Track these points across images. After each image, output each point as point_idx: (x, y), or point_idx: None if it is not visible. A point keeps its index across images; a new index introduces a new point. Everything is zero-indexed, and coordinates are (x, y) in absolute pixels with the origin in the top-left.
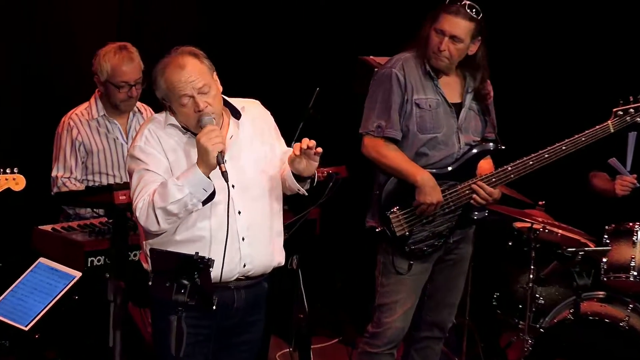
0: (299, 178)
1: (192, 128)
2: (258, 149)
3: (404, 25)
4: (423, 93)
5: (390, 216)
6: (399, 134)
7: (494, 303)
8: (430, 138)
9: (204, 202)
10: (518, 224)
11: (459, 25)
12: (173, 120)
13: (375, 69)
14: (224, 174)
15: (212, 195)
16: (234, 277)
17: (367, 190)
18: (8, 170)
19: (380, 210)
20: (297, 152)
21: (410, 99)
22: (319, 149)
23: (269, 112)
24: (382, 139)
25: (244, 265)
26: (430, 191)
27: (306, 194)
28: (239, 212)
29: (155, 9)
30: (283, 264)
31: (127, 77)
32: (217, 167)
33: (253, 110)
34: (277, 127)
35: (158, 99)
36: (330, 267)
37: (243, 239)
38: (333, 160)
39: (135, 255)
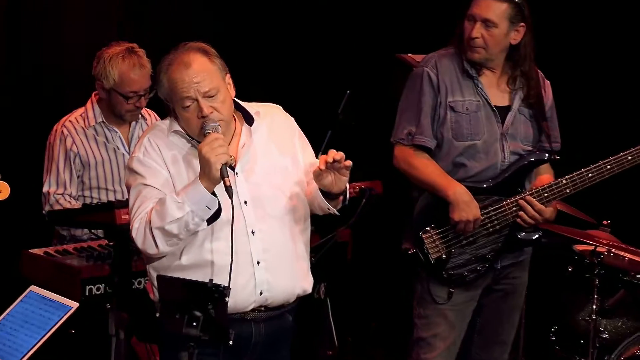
0: (327, 195)
1: (195, 135)
2: (276, 160)
3: (446, 20)
4: (460, 94)
5: (424, 236)
6: (432, 141)
7: (551, 337)
8: (468, 146)
9: (209, 221)
10: (579, 247)
11: (490, 7)
12: (177, 126)
13: (414, 69)
14: (228, 190)
15: (217, 214)
16: (250, 307)
17: (405, 209)
18: None
19: (414, 230)
20: (322, 166)
21: (444, 101)
22: (348, 162)
23: (292, 119)
24: (412, 147)
25: (261, 293)
26: (465, 207)
27: (338, 214)
28: (252, 232)
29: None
30: (310, 291)
31: (136, 86)
32: (222, 181)
33: (271, 116)
34: (303, 136)
35: (161, 99)
36: (363, 296)
37: (258, 262)
38: (366, 174)
39: (140, 283)
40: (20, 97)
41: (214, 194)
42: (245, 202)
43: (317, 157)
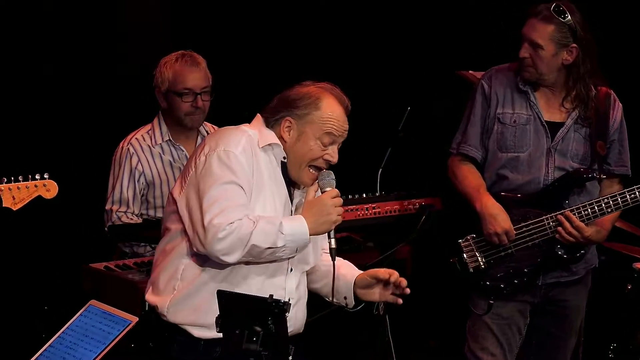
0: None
1: (297, 163)
2: None
3: (507, 37)
4: (510, 107)
5: (463, 245)
6: (477, 151)
7: (610, 356)
8: (511, 158)
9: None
10: (638, 265)
11: (535, 28)
12: (274, 138)
13: None
14: (332, 252)
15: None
16: None
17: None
18: (37, 176)
19: (454, 238)
20: (385, 277)
21: (493, 113)
22: (407, 289)
23: None
24: (460, 157)
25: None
26: (492, 220)
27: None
28: (291, 270)
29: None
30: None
31: (190, 83)
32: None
33: None
34: None
35: (279, 111)
36: (422, 314)
37: (289, 299)
38: (427, 190)
39: None
40: (89, 111)
41: None
42: (298, 249)
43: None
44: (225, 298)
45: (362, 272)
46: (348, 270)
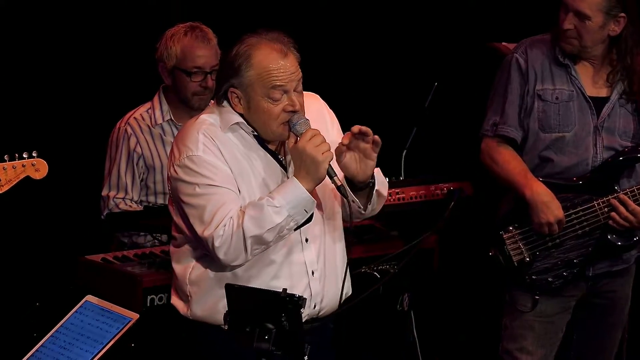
0: (351, 184)
1: (268, 131)
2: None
3: (543, 5)
4: (550, 82)
5: (505, 236)
6: (516, 132)
7: None
8: (556, 138)
9: (297, 227)
10: None
11: None
12: (237, 118)
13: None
14: (341, 189)
15: (309, 218)
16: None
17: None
18: (25, 155)
19: (496, 230)
20: (346, 141)
21: (532, 89)
22: (376, 137)
23: (326, 105)
24: (497, 139)
25: (314, 306)
26: (544, 208)
27: (364, 212)
28: (306, 240)
29: None
30: (350, 291)
31: (201, 61)
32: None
33: (312, 106)
34: (338, 123)
35: (221, 86)
36: (450, 308)
37: (313, 273)
38: (455, 173)
39: None
40: (81, 90)
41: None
42: (306, 212)
43: (397, 152)
44: (234, 293)
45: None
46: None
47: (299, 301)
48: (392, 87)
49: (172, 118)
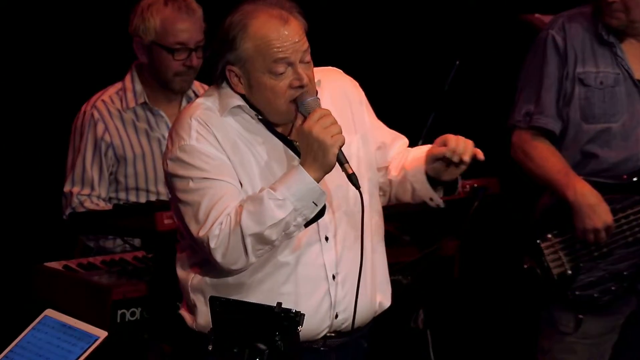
0: (431, 182)
1: (276, 111)
2: (346, 143)
3: None
4: (593, 64)
5: (543, 246)
6: (555, 123)
7: None
8: (601, 130)
9: (308, 223)
10: None
11: None
12: (238, 100)
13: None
14: (352, 178)
15: (321, 212)
16: (321, 334)
17: (528, 213)
18: None
19: (530, 237)
20: (467, 159)
21: (571, 72)
22: (480, 154)
23: (356, 84)
24: (531, 131)
25: (336, 316)
26: (590, 212)
27: (442, 205)
28: (326, 239)
29: None
30: (388, 304)
31: (185, 36)
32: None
33: (332, 83)
34: (368, 104)
35: (217, 64)
36: (472, 325)
37: (334, 277)
38: (479, 168)
39: None
40: (38, 67)
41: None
42: (316, 205)
43: (414, 142)
44: (219, 307)
45: (424, 150)
46: (412, 155)
47: (296, 317)
48: (407, 66)
49: (147, 101)
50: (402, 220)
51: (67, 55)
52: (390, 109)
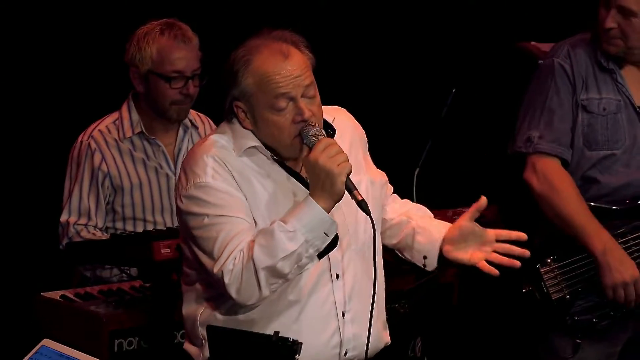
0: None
1: (283, 146)
2: (354, 180)
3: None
4: (596, 91)
5: (542, 270)
6: (569, 153)
7: None
8: (604, 156)
9: (321, 254)
10: None
11: None
12: (252, 141)
13: (539, 62)
14: (363, 204)
15: (333, 243)
16: None
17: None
18: None
19: (530, 262)
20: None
21: (577, 99)
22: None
23: (359, 126)
24: (551, 159)
25: (345, 354)
26: (619, 266)
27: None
28: (337, 276)
29: None
30: (389, 341)
31: (181, 64)
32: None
33: (344, 123)
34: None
35: (225, 99)
36: (472, 355)
37: (343, 314)
38: (477, 196)
39: (183, 336)
40: (36, 98)
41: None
42: (327, 235)
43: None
44: (217, 336)
45: (452, 225)
46: (432, 225)
47: (294, 346)
48: (403, 93)
49: (144, 130)
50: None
51: (63, 85)
52: (387, 136)
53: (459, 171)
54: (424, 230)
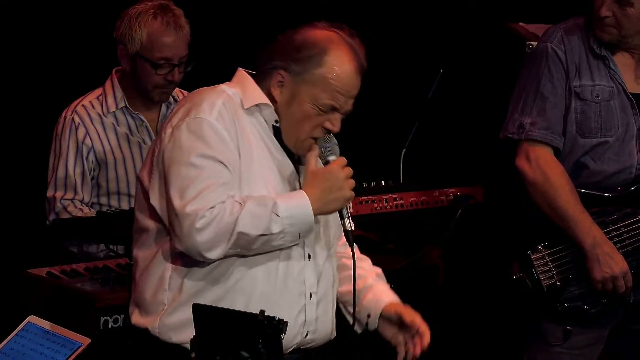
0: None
1: (293, 137)
2: None
3: None
4: (589, 77)
5: (533, 257)
6: (560, 140)
7: None
8: (597, 144)
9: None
10: None
11: None
12: (264, 98)
13: (529, 44)
14: (349, 235)
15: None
16: (290, 349)
17: (514, 222)
18: None
19: (521, 248)
20: (407, 320)
21: (570, 86)
22: (417, 352)
23: None
24: (543, 147)
25: (306, 335)
26: (609, 261)
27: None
28: (309, 256)
29: None
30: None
31: (169, 52)
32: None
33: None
34: None
35: (269, 63)
36: (457, 335)
37: (311, 295)
38: (464, 177)
39: None
40: (19, 73)
41: None
42: (298, 237)
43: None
44: (202, 314)
45: (393, 299)
46: (383, 288)
47: (279, 325)
48: (390, 74)
49: (127, 105)
50: (385, 229)
51: (47, 61)
52: (374, 117)
53: (446, 152)
54: (377, 291)
